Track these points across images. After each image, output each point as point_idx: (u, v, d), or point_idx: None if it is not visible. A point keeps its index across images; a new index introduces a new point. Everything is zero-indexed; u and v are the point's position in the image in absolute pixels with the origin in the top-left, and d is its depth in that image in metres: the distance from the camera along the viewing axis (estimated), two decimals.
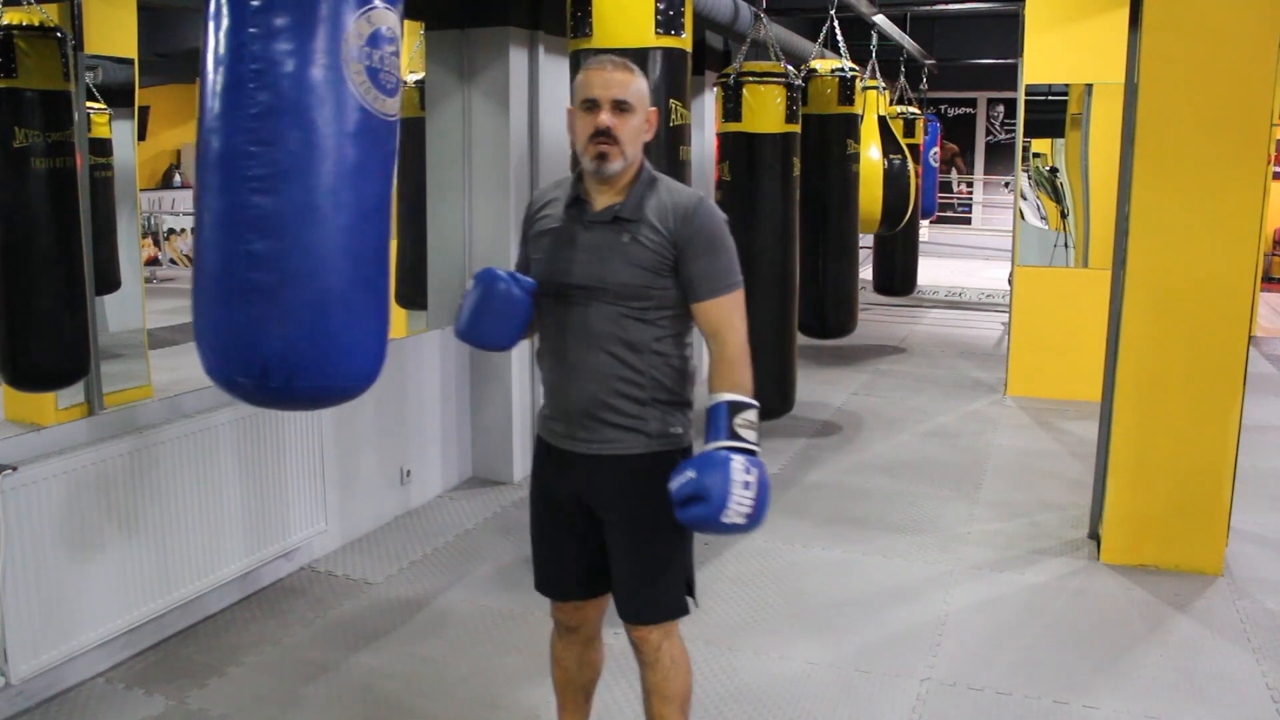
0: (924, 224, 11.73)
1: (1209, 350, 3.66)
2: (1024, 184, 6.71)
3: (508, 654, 3.16)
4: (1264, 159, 3.60)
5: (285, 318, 1.86)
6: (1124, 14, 3.92)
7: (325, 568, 3.77)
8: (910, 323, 9.50)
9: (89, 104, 3.81)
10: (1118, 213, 3.86)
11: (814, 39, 6.15)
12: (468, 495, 4.58)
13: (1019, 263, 6.62)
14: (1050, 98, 6.52)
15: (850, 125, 5.54)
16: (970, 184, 17.57)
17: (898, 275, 9.07)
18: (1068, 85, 6.42)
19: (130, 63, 4.28)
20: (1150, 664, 3.13)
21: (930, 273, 11.17)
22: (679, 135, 3.51)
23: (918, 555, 3.97)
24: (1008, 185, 15.99)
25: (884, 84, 7.48)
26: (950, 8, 9.07)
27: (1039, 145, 6.68)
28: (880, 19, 7.00)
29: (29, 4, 3.35)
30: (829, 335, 5.86)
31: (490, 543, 4.02)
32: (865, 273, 8.05)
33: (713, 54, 6.66)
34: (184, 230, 10.67)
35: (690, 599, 2.16)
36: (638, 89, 2.03)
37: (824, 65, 5.50)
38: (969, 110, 17.06)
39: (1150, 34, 3.63)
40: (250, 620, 3.35)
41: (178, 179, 11.76)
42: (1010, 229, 6.95)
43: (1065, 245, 6.57)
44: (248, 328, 1.86)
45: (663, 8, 3.29)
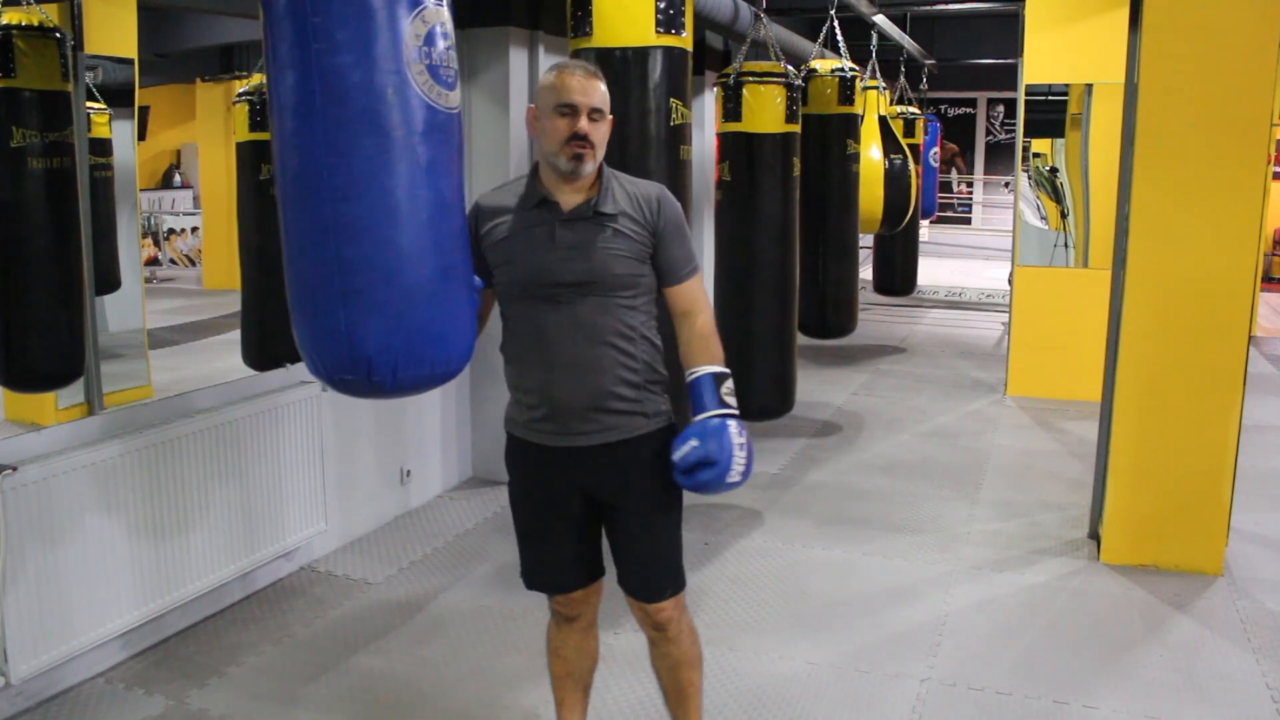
0: (924, 224, 11.73)
1: (1209, 350, 3.66)
2: (1024, 184, 6.71)
3: (508, 654, 3.16)
4: (1264, 159, 3.59)
5: (381, 316, 1.96)
6: (1124, 14, 3.92)
7: (325, 568, 3.77)
8: (910, 323, 9.50)
9: (89, 104, 3.81)
10: (1118, 213, 3.85)
11: (814, 39, 6.15)
12: (468, 495, 4.58)
13: (1019, 263, 6.62)
14: (1050, 98, 6.52)
15: (850, 125, 5.54)
16: (970, 184, 17.57)
17: (898, 275, 9.07)
18: (1068, 85, 6.42)
19: (130, 63, 4.28)
20: (1150, 664, 3.13)
21: (930, 273, 11.17)
22: (679, 135, 3.50)
23: (918, 555, 3.97)
24: (1008, 185, 15.99)
25: (884, 84, 7.47)
26: (950, 8, 9.07)
27: (1039, 145, 6.68)
28: (880, 19, 7.00)
29: (29, 4, 3.35)
30: (829, 335, 5.86)
31: (490, 543, 4.02)
32: (865, 273, 8.05)
33: (713, 54, 6.66)
34: (184, 230, 10.67)
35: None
36: (606, 95, 2.12)
37: (824, 65, 5.50)
38: (969, 110, 17.05)
39: (1150, 34, 3.63)
40: (250, 620, 3.35)
41: (178, 179, 11.75)
42: (1010, 229, 6.95)
43: (1065, 245, 6.57)
44: (348, 331, 1.96)
45: (663, 6, 3.29)
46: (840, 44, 5.80)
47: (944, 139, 13.37)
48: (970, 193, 17.63)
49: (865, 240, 8.13)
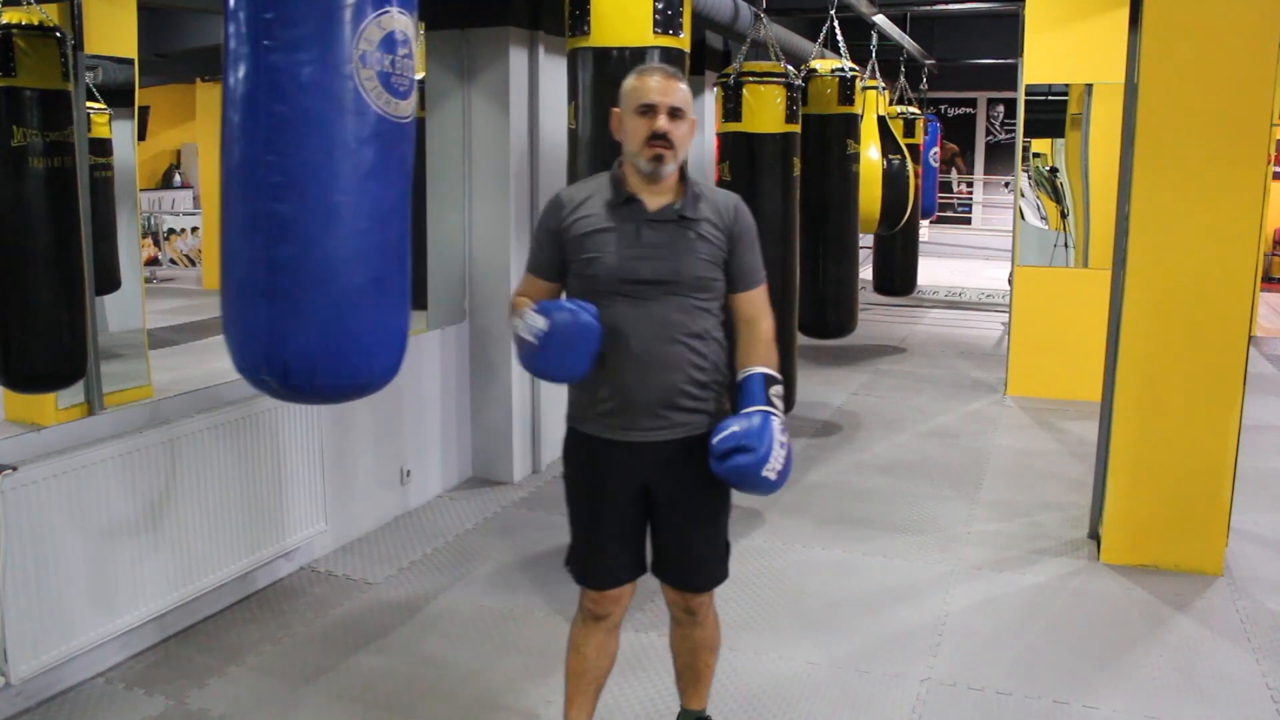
0: (924, 224, 11.73)
1: (1209, 350, 3.66)
2: (1024, 184, 6.71)
3: (508, 654, 3.16)
4: (1264, 159, 3.60)
5: (305, 319, 1.94)
6: (1124, 14, 3.92)
7: (325, 568, 3.77)
8: (910, 323, 9.50)
9: (89, 104, 3.81)
10: (1118, 213, 3.85)
11: (814, 39, 6.15)
12: (467, 495, 4.58)
13: (1019, 263, 6.62)
14: (1050, 98, 6.52)
15: (850, 125, 5.53)
16: (970, 184, 17.57)
17: (898, 275, 9.06)
18: (1068, 85, 6.41)
19: (130, 63, 4.28)
20: (1150, 664, 3.13)
21: (930, 273, 11.17)
22: None
23: (918, 555, 3.97)
24: (1008, 185, 16.00)
25: (884, 84, 7.47)
26: (950, 8, 9.06)
27: (1039, 145, 6.68)
28: (880, 19, 6.99)
29: (29, 4, 3.35)
30: (829, 335, 5.86)
31: (490, 543, 4.02)
32: (865, 273, 8.05)
33: (713, 54, 6.66)
34: (184, 230, 10.67)
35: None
36: (687, 97, 2.18)
37: (824, 65, 5.50)
38: (969, 110, 17.05)
39: (1150, 34, 3.63)
40: (250, 620, 3.35)
41: (178, 179, 11.76)
42: (1010, 229, 6.95)
43: (1065, 245, 6.57)
44: (270, 329, 1.94)
45: (661, 7, 3.28)
46: (840, 44, 5.80)
47: (944, 139, 13.37)
48: (970, 193, 17.63)
49: (865, 240, 8.12)
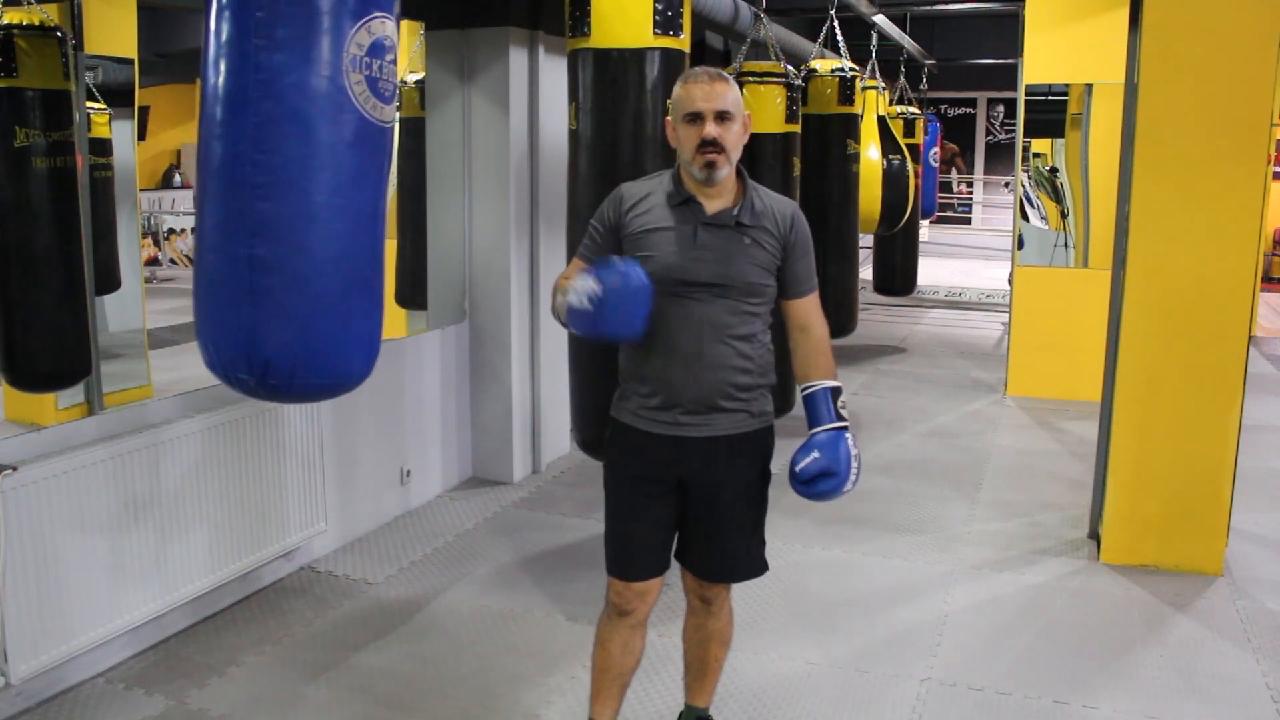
0: (924, 224, 11.73)
1: (1209, 350, 3.66)
2: (1024, 184, 6.71)
3: (508, 654, 3.16)
4: (1264, 159, 3.60)
5: (286, 320, 1.94)
6: (1124, 14, 3.92)
7: (325, 568, 3.77)
8: (910, 323, 9.50)
9: (89, 104, 3.81)
10: (1118, 213, 3.85)
11: (814, 39, 6.15)
12: (467, 495, 4.58)
13: (1019, 263, 6.62)
14: (1050, 98, 6.52)
15: (850, 125, 5.54)
16: (970, 184, 17.58)
17: (898, 275, 9.06)
18: (1068, 85, 6.41)
19: (130, 63, 4.28)
20: (1150, 664, 3.13)
21: (930, 273, 11.17)
22: None
23: (918, 555, 3.97)
24: (1008, 185, 16.00)
25: (884, 84, 7.48)
26: (950, 8, 9.08)
27: (1039, 145, 6.67)
28: (880, 19, 7.00)
29: (29, 4, 3.35)
30: (829, 335, 5.85)
31: (490, 543, 4.02)
32: (865, 273, 8.05)
33: (713, 54, 6.66)
34: (184, 230, 10.67)
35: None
36: (735, 97, 2.18)
37: (824, 65, 5.50)
38: (969, 110, 17.06)
39: (1150, 34, 3.63)
40: (250, 620, 3.35)
41: (178, 179, 11.75)
42: (1010, 229, 6.95)
43: (1065, 245, 6.57)
44: (250, 329, 1.94)
45: (661, 8, 3.28)
46: (840, 44, 5.81)
47: (944, 139, 13.37)
48: (970, 193, 17.63)
49: (865, 240, 8.12)
